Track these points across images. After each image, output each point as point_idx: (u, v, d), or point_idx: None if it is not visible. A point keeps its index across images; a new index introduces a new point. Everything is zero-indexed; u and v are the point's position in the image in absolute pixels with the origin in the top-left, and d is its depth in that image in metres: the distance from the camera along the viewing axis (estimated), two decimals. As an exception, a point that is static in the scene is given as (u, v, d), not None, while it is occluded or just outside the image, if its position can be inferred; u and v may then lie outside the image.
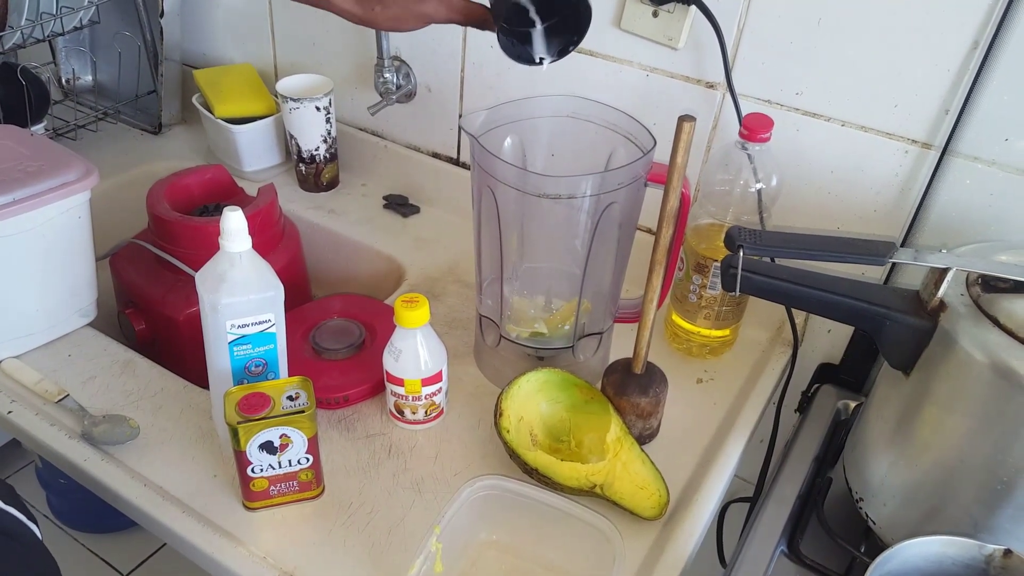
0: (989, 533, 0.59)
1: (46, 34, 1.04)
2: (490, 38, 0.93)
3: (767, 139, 0.73)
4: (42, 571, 0.55)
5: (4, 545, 0.53)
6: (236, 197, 0.95)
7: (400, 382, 0.71)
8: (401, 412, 0.73)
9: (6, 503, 0.55)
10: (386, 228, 1.03)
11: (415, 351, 0.70)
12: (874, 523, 0.66)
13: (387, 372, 0.71)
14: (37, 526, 0.57)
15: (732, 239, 0.62)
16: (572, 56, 0.87)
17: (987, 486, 0.58)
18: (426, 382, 0.71)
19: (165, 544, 1.49)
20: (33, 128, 1.05)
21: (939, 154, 0.72)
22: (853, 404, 0.84)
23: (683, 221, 0.69)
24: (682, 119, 0.60)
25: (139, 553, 1.47)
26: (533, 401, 0.72)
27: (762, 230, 0.69)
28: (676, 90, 0.84)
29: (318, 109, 1.01)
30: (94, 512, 1.44)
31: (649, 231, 0.92)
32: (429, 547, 0.59)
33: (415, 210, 1.06)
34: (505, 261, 0.74)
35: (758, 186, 0.75)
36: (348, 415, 0.76)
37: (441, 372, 0.72)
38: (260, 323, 0.64)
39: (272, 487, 0.65)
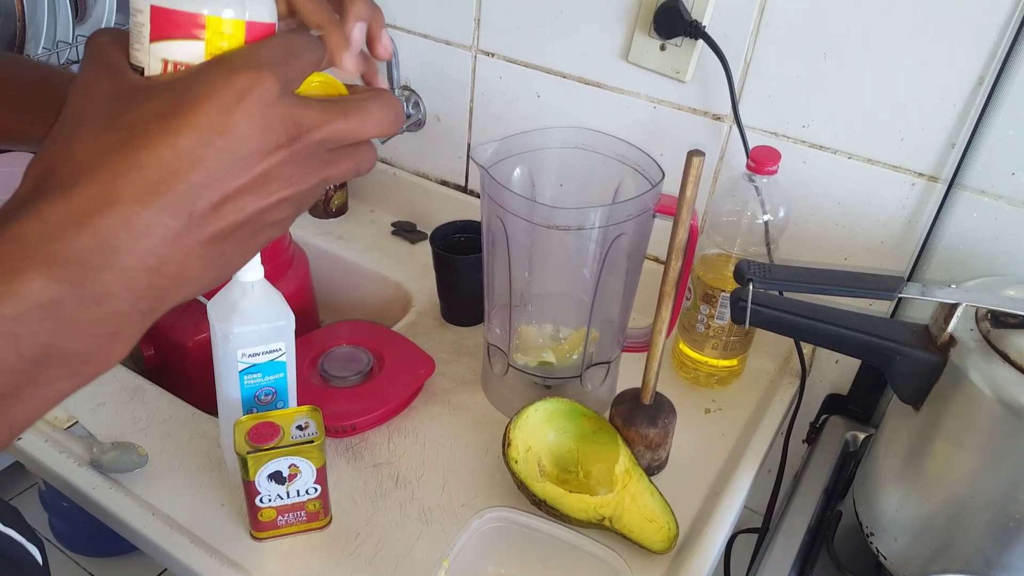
0: (1002, 570, 0.58)
1: (61, 62, 1.06)
2: (498, 70, 0.94)
3: (774, 171, 0.74)
4: None
5: (2, 568, 0.52)
6: (246, 224, 0.95)
7: (192, 25, 0.32)
8: None
9: (6, 525, 0.54)
10: (394, 254, 1.03)
11: None
12: (885, 558, 0.66)
13: (155, 7, 0.32)
14: (40, 549, 0.56)
15: (741, 273, 0.62)
16: (581, 88, 0.89)
17: (999, 523, 0.57)
18: (247, 31, 0.33)
19: (166, 570, 1.48)
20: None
21: (946, 187, 0.73)
22: (862, 436, 0.83)
23: (691, 252, 0.69)
24: (691, 154, 0.60)
25: (141, 578, 1.46)
26: (541, 431, 0.72)
27: (771, 264, 0.69)
28: (683, 122, 0.84)
29: (328, 137, 1.01)
30: (97, 536, 1.44)
31: (656, 260, 0.92)
32: (437, 580, 0.59)
33: (423, 236, 1.06)
34: (514, 290, 0.74)
35: (765, 218, 0.75)
36: (355, 443, 0.75)
37: (275, 26, 0.35)
38: (271, 352, 0.65)
39: (280, 517, 0.65)
